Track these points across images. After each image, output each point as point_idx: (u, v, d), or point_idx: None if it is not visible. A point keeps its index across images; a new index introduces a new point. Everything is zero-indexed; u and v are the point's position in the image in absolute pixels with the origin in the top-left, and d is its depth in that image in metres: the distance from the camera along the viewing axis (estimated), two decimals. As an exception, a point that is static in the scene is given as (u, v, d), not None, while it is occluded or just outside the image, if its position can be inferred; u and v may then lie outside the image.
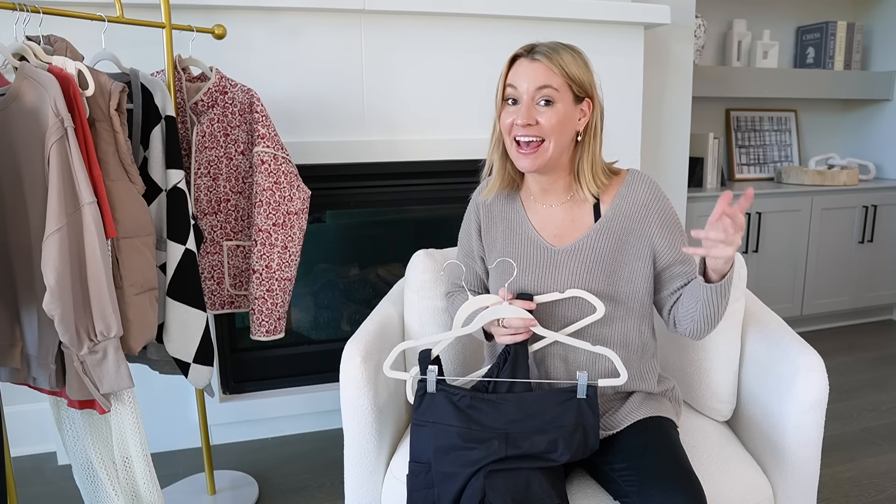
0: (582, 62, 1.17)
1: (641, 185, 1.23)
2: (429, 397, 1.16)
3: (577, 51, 1.17)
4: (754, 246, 3.04)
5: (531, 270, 1.24)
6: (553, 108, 1.14)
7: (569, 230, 1.24)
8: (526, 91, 1.14)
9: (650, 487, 1.04)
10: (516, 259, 1.26)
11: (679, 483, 1.03)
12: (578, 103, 1.17)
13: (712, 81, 3.14)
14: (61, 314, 1.16)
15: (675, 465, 1.07)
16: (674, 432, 1.20)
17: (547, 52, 1.14)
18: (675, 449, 1.12)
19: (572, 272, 1.21)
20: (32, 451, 2.11)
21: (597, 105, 1.20)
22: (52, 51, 1.36)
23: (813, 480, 1.26)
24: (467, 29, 2.17)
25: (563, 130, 1.16)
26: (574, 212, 1.25)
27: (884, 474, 1.99)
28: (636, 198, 1.22)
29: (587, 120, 1.19)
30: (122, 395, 1.32)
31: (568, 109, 1.15)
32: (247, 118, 1.66)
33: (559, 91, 1.14)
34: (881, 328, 3.39)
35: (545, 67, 1.13)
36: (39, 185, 1.19)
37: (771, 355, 1.33)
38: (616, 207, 1.22)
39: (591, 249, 1.21)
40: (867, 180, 3.45)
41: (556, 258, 1.23)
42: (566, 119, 1.15)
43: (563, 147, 1.18)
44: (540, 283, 1.23)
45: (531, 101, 1.15)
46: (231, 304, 1.77)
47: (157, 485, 1.39)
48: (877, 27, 3.52)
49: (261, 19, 1.97)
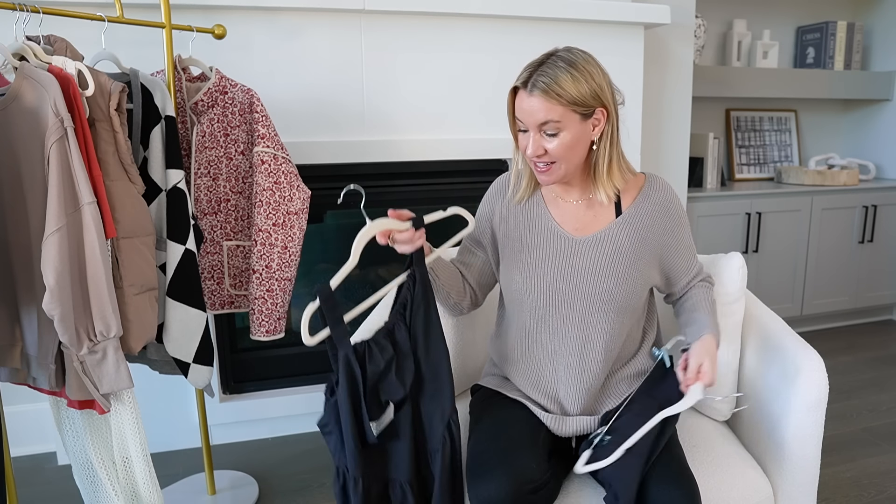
0: (585, 76, 1.12)
1: (662, 189, 1.27)
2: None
3: (578, 65, 1.12)
4: (754, 246, 3.04)
5: (552, 260, 1.24)
6: (559, 138, 1.14)
7: (590, 223, 1.26)
8: (530, 125, 1.15)
9: (645, 482, 1.06)
10: (537, 250, 1.26)
11: (675, 479, 1.05)
12: (588, 119, 1.15)
13: (712, 81, 3.14)
14: (61, 314, 1.16)
15: (671, 461, 1.09)
16: (674, 430, 1.22)
17: (544, 84, 1.11)
18: (671, 446, 1.14)
19: (594, 262, 1.22)
20: (32, 451, 2.11)
21: (611, 111, 1.17)
22: (52, 51, 1.36)
23: (813, 480, 1.26)
24: (467, 29, 2.17)
25: (572, 153, 1.17)
26: (595, 207, 1.27)
27: (884, 474, 1.99)
28: (658, 199, 1.26)
29: (602, 128, 1.18)
30: (121, 395, 1.32)
31: (576, 132, 1.15)
32: (247, 118, 1.66)
33: (561, 121, 1.12)
34: (881, 328, 3.39)
35: (542, 102, 1.11)
36: (39, 185, 1.19)
37: (771, 355, 1.33)
38: (638, 206, 1.25)
39: (613, 241, 1.23)
40: (867, 180, 3.45)
41: (578, 248, 1.24)
42: (574, 142, 1.15)
43: (576, 164, 1.19)
44: (561, 274, 1.23)
45: (538, 134, 1.15)
46: (231, 304, 1.77)
47: (156, 485, 1.39)
48: (877, 27, 3.52)
49: (261, 19, 1.97)
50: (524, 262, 1.26)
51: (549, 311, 1.24)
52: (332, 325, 1.13)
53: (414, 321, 1.19)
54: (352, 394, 1.12)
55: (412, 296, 1.20)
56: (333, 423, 1.15)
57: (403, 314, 1.20)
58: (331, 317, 1.13)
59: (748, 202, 3.00)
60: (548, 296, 1.23)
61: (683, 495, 1.03)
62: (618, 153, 1.21)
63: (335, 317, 1.13)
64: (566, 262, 1.24)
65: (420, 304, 1.20)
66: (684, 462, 1.11)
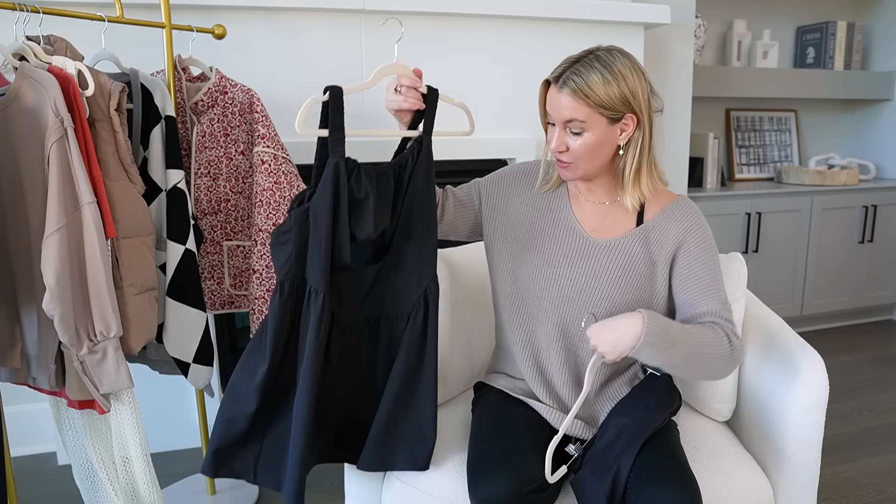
0: (618, 80, 1.10)
1: (688, 215, 1.22)
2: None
3: (613, 68, 1.10)
4: (754, 246, 3.04)
5: (563, 255, 1.24)
6: (582, 138, 1.13)
7: (608, 227, 1.25)
8: (556, 120, 1.15)
9: (646, 484, 1.05)
10: (551, 241, 1.25)
11: (676, 480, 1.04)
12: (616, 123, 1.13)
13: (712, 81, 3.14)
14: (61, 314, 1.16)
15: (672, 462, 1.08)
16: (674, 431, 1.21)
17: (573, 80, 1.10)
18: (672, 447, 1.14)
19: (603, 266, 1.21)
20: (32, 451, 2.11)
21: (644, 118, 1.14)
22: (52, 51, 1.36)
23: (813, 480, 1.26)
24: (467, 29, 2.17)
25: (594, 154, 1.15)
26: (617, 212, 1.25)
27: (884, 474, 1.99)
28: (682, 219, 1.21)
29: (630, 134, 1.15)
30: (121, 395, 1.32)
31: (600, 135, 1.13)
32: (247, 118, 1.66)
33: (587, 121, 1.11)
34: (881, 328, 3.39)
35: (570, 100, 1.11)
36: (39, 185, 1.19)
37: (771, 355, 1.33)
38: (659, 220, 1.22)
39: (626, 250, 1.21)
40: (867, 180, 3.45)
41: (592, 250, 1.23)
42: (597, 144, 1.14)
43: (598, 166, 1.18)
44: (570, 270, 1.23)
45: (562, 129, 1.15)
46: (231, 304, 1.77)
47: (156, 485, 1.39)
48: (877, 27, 3.52)
49: (261, 19, 1.97)
50: (537, 250, 1.25)
51: (552, 305, 1.23)
52: (332, 127, 1.11)
53: (412, 185, 1.19)
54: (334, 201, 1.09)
55: (414, 160, 1.19)
56: (295, 233, 1.11)
57: (397, 171, 1.19)
58: (334, 119, 1.11)
59: (748, 202, 3.00)
60: (552, 289, 1.23)
61: (684, 496, 1.03)
62: (648, 161, 1.18)
63: (337, 121, 1.11)
64: (576, 261, 1.23)
65: (421, 170, 1.19)
66: (686, 465, 1.10)
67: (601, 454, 1.12)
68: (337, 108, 1.11)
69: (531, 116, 2.32)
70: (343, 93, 1.12)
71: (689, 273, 1.20)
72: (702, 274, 1.19)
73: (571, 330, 1.23)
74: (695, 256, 1.20)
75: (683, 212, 1.22)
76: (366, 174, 1.13)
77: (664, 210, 1.23)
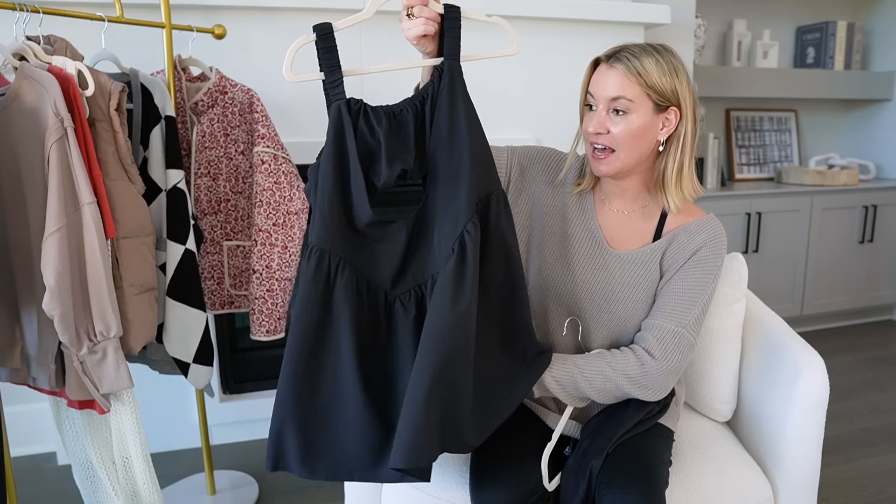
0: (671, 68, 1.09)
1: (714, 233, 1.17)
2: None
3: (666, 56, 1.09)
4: (754, 246, 3.04)
5: (579, 258, 1.22)
6: (626, 119, 1.09)
7: (627, 238, 1.22)
8: (601, 99, 1.10)
9: (608, 486, 1.04)
10: (570, 245, 1.23)
11: (635, 482, 1.02)
12: (661, 112, 1.11)
13: (712, 81, 3.14)
14: (61, 314, 1.16)
15: (637, 465, 1.06)
16: (655, 433, 1.18)
17: (627, 59, 1.08)
18: (643, 449, 1.11)
19: (618, 280, 1.19)
20: (32, 451, 2.11)
21: (686, 115, 1.12)
22: (52, 51, 1.37)
23: (813, 481, 1.26)
24: (465, 29, 2.16)
25: (635, 142, 1.11)
26: (637, 223, 1.22)
27: (884, 474, 1.99)
28: (697, 239, 1.17)
29: (671, 130, 1.13)
30: (121, 395, 1.32)
31: (645, 120, 1.10)
32: (247, 118, 1.66)
33: (634, 101, 1.08)
34: (881, 328, 3.39)
35: (622, 76, 1.08)
36: (39, 185, 1.19)
37: (771, 355, 1.33)
38: (674, 236, 1.18)
39: (642, 265, 1.19)
40: (867, 180, 3.45)
41: (607, 260, 1.21)
42: (641, 131, 1.10)
43: (636, 157, 1.13)
44: (588, 277, 1.21)
45: (605, 110, 1.11)
46: (231, 304, 1.77)
47: (156, 485, 1.39)
48: (877, 27, 3.52)
49: (261, 19, 1.97)
50: (555, 247, 1.23)
51: (557, 305, 1.23)
52: (326, 68, 0.98)
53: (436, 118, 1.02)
54: (340, 149, 0.97)
55: (435, 89, 1.03)
56: (312, 192, 0.99)
57: (417, 105, 1.03)
58: (326, 59, 0.98)
59: (748, 202, 3.01)
60: (561, 289, 1.22)
61: (639, 499, 1.00)
62: (690, 163, 1.15)
63: (331, 61, 0.99)
64: (590, 267, 1.21)
65: (444, 100, 1.01)
66: (652, 465, 1.07)
67: (579, 455, 1.12)
68: (328, 46, 0.99)
69: (531, 116, 2.32)
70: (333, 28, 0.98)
71: (669, 286, 1.16)
72: (679, 292, 1.15)
73: (570, 335, 1.23)
74: (687, 273, 1.15)
75: (708, 231, 1.17)
76: (374, 113, 0.99)
77: (687, 226, 1.19)
